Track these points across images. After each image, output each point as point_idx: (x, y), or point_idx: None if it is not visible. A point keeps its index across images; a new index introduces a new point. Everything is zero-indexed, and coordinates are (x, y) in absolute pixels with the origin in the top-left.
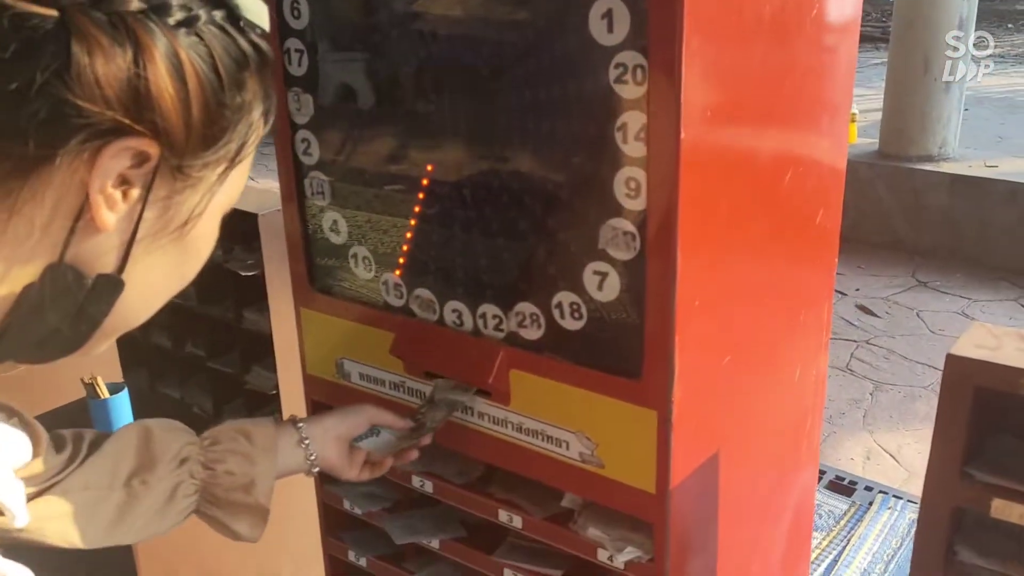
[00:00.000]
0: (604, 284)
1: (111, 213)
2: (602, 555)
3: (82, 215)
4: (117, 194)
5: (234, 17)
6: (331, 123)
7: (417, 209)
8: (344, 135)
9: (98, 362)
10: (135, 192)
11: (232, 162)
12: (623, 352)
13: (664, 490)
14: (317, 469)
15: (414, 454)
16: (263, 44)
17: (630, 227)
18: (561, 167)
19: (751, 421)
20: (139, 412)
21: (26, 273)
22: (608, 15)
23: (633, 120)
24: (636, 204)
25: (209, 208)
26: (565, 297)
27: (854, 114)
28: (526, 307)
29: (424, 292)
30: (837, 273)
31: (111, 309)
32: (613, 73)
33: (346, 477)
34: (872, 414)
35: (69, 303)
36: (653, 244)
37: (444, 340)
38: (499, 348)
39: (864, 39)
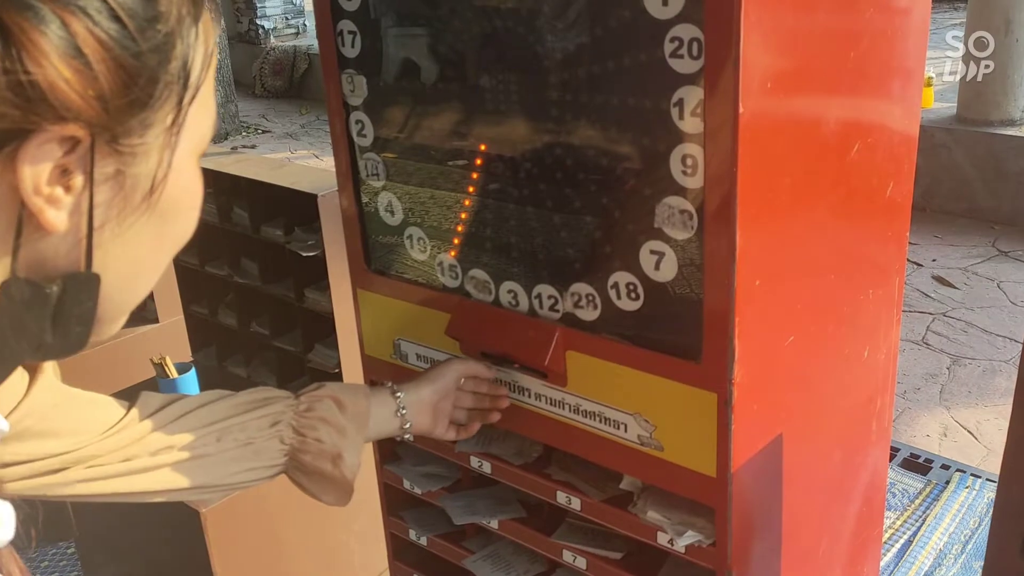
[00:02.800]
0: (661, 264)
1: (58, 211)
2: (662, 538)
3: (25, 222)
4: (58, 190)
5: None
6: (385, 104)
7: (471, 189)
8: (398, 115)
9: (168, 342)
10: (78, 180)
11: (180, 105)
12: (682, 333)
13: (725, 474)
14: (410, 437)
15: (502, 405)
16: None
17: (687, 205)
18: (617, 144)
19: (817, 402)
20: (207, 390)
21: None
22: None
23: (689, 95)
24: (693, 182)
25: (177, 160)
26: (621, 277)
27: (930, 78)
28: (582, 287)
29: (479, 273)
30: (912, 243)
31: (96, 303)
32: (668, 47)
33: (438, 436)
34: (949, 389)
35: (39, 315)
36: (711, 223)
37: (500, 321)
38: (555, 329)
39: None
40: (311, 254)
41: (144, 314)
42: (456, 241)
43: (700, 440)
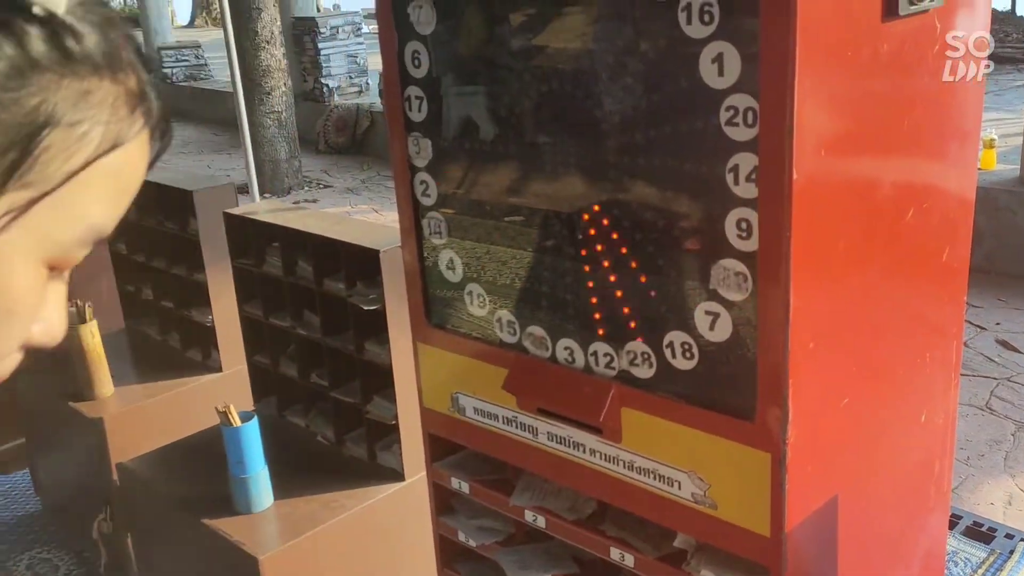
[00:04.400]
0: (716, 324)
1: None
2: None
3: None
4: None
5: (19, 7)
6: (448, 164)
7: (530, 247)
8: (460, 175)
9: (230, 390)
10: None
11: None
12: (736, 392)
13: (779, 534)
14: None
15: None
16: (67, 45)
17: (742, 268)
18: (673, 206)
19: (872, 464)
20: (268, 439)
21: None
22: (719, 59)
23: (744, 162)
24: (748, 245)
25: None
26: (677, 337)
27: (993, 139)
28: (637, 346)
29: (536, 329)
30: (975, 306)
31: None
32: (724, 116)
33: None
34: (1014, 456)
35: None
36: (765, 285)
37: (557, 377)
38: (610, 386)
39: (1004, 60)
40: (372, 308)
41: (208, 363)
42: (514, 298)
43: (754, 499)
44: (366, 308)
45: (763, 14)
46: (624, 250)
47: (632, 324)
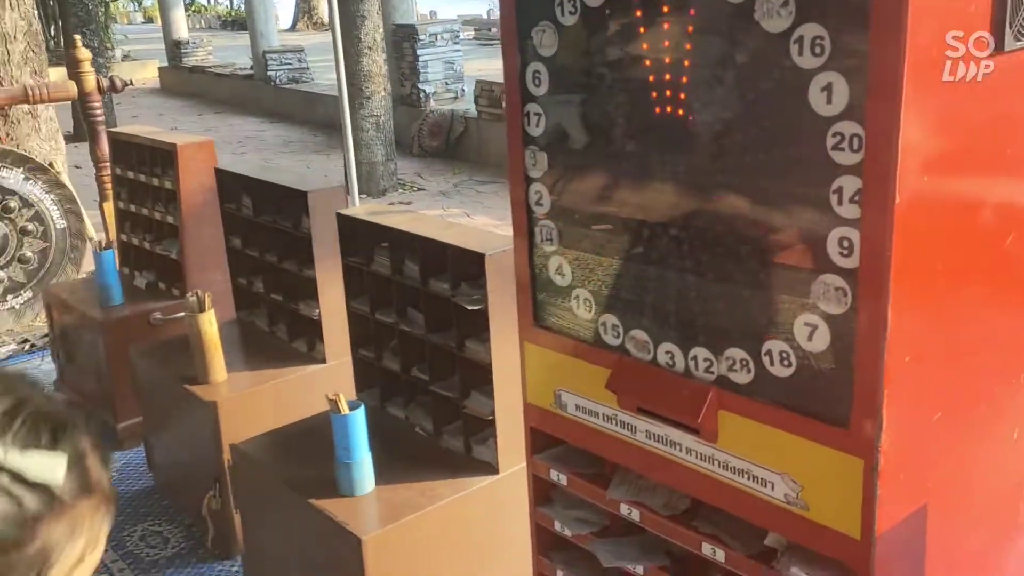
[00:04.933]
0: (814, 335)
1: None
2: None
3: None
4: None
5: (18, 479)
6: (561, 176)
7: (637, 256)
8: (572, 187)
9: (334, 382)
10: None
11: None
12: (832, 400)
13: (869, 537)
14: None
15: None
16: (56, 493)
17: (842, 283)
18: (776, 223)
19: (963, 478)
20: (369, 429)
21: None
22: (828, 88)
23: (848, 184)
24: (849, 262)
25: None
26: (775, 345)
27: None
28: (736, 352)
29: (639, 333)
30: None
31: None
32: (830, 141)
33: None
34: None
35: None
36: (864, 301)
37: (657, 379)
38: (709, 390)
39: None
40: (475, 308)
41: (313, 355)
42: (619, 303)
43: (846, 503)
44: (470, 308)
45: (873, 47)
46: (728, 263)
47: (732, 332)
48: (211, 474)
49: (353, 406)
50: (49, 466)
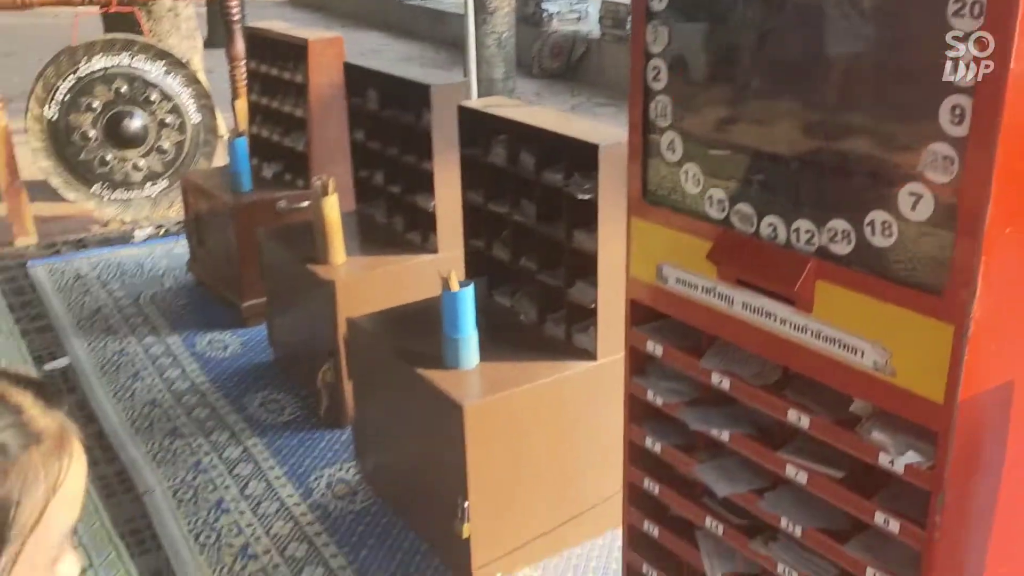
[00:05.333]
0: (918, 205)
1: None
2: (883, 459)
3: None
4: None
5: None
6: (680, 51)
7: (749, 131)
8: (690, 62)
9: (451, 266)
10: None
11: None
12: (929, 269)
13: (952, 401)
14: None
15: None
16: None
17: (951, 152)
18: (889, 91)
19: None
20: (479, 314)
21: None
22: None
23: (965, 53)
24: (959, 131)
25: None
26: (878, 216)
27: None
28: (839, 223)
29: (744, 206)
30: None
31: None
32: (952, 7)
33: None
34: None
35: None
36: (971, 169)
37: (758, 250)
38: (808, 260)
39: None
40: (586, 197)
41: (426, 245)
42: (727, 177)
43: (933, 369)
44: (580, 197)
45: None
46: (836, 134)
47: (837, 203)
48: (327, 349)
49: (463, 284)
50: None
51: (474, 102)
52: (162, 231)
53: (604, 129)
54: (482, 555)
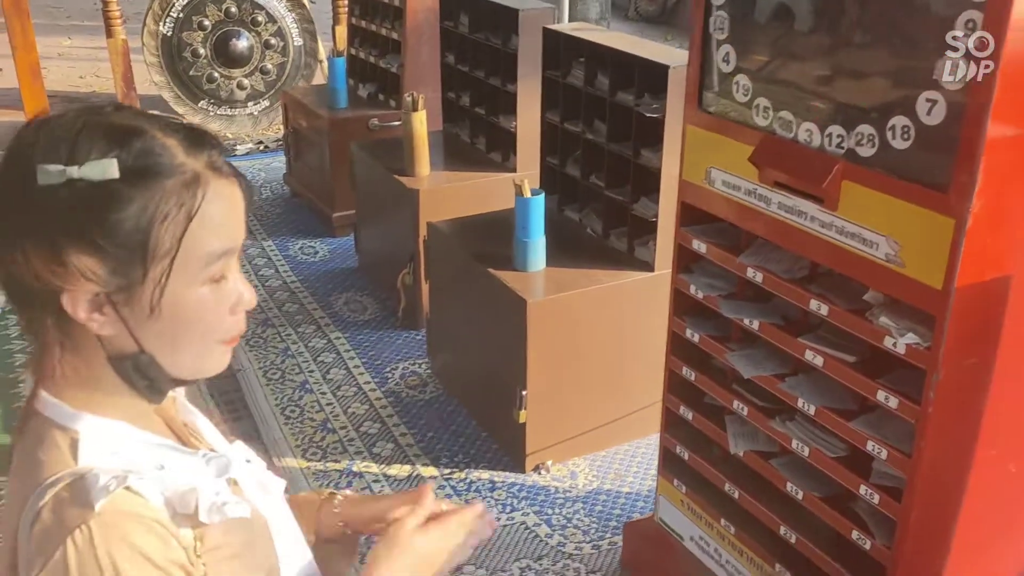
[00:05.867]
0: (933, 110)
1: (101, 324)
2: (888, 341)
3: (96, 333)
4: (95, 315)
5: (83, 179)
6: None
7: (796, 49)
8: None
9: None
10: (108, 309)
11: (170, 268)
12: (937, 168)
13: (950, 288)
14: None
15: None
16: (129, 173)
17: (963, 60)
18: (911, 10)
19: None
20: (549, 226)
21: (100, 358)
22: None
23: None
24: (971, 41)
25: (171, 294)
26: (899, 120)
27: None
28: (865, 128)
29: (786, 114)
30: None
31: (161, 370)
32: None
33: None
34: None
35: (130, 368)
36: (980, 77)
37: (794, 153)
38: (837, 161)
39: None
40: (654, 116)
41: (506, 164)
42: (773, 88)
43: (935, 258)
44: (648, 115)
45: None
46: (868, 48)
47: (866, 110)
48: (407, 254)
49: (535, 192)
50: (101, 168)
51: (558, 26)
52: (261, 147)
53: (675, 53)
54: (535, 442)
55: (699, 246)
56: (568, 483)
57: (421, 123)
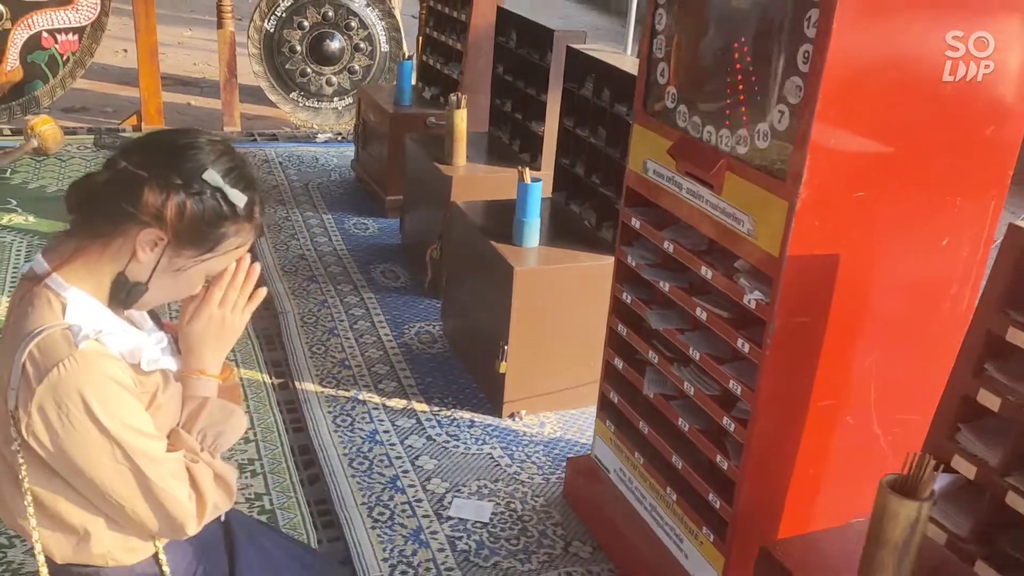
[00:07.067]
0: (781, 119)
1: (146, 257)
2: (745, 299)
3: (134, 255)
4: (148, 250)
5: (222, 194)
6: (671, 7)
7: (704, 66)
8: (677, 17)
9: (546, 184)
10: (156, 251)
11: (203, 258)
12: (780, 163)
13: (783, 255)
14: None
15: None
16: (240, 210)
17: (800, 82)
18: (777, 52)
19: (880, 248)
20: (554, 218)
21: (115, 270)
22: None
23: (813, 14)
24: (805, 68)
25: (192, 270)
26: (762, 127)
27: None
28: (742, 131)
29: (696, 119)
30: None
31: (142, 296)
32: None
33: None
34: None
35: (124, 288)
36: (808, 94)
37: (698, 149)
38: (723, 157)
39: None
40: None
41: (533, 164)
42: (691, 98)
43: (775, 232)
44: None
45: None
46: (753, 65)
47: (746, 116)
48: (437, 233)
49: (534, 180)
50: (238, 196)
51: (578, 46)
52: (339, 137)
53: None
54: (513, 391)
55: (635, 223)
56: (536, 430)
57: (462, 120)
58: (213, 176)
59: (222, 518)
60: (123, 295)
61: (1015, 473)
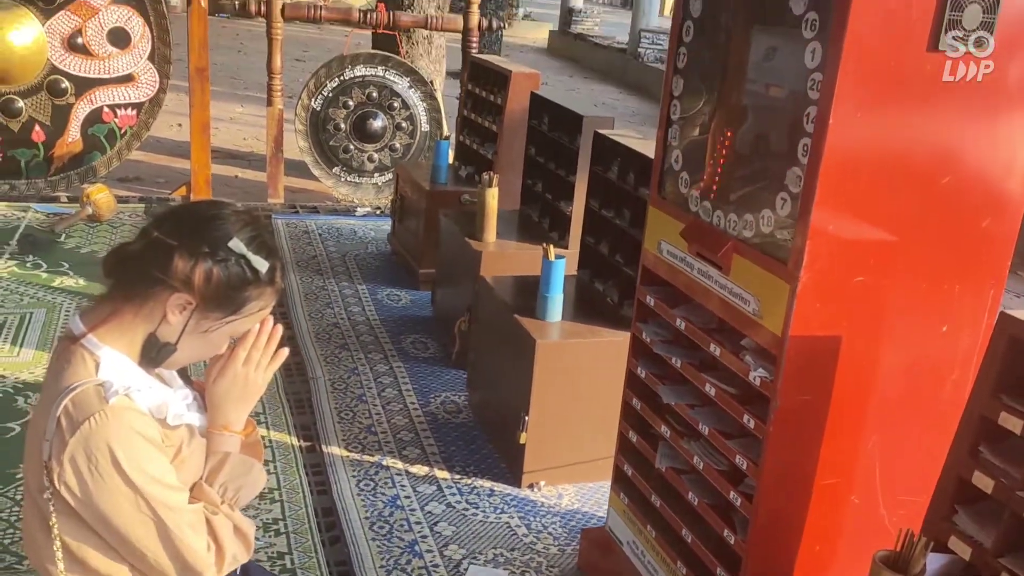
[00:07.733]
0: (784, 206)
1: (175, 318)
2: (751, 376)
3: (164, 317)
4: (177, 313)
5: (246, 260)
6: (686, 97)
7: (714, 156)
8: (688, 107)
9: (572, 261)
10: (185, 314)
11: (228, 320)
12: (784, 248)
13: (785, 334)
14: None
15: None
16: (262, 275)
17: (800, 172)
18: (777, 138)
19: (881, 331)
20: (578, 294)
21: (146, 331)
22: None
23: (812, 111)
24: (805, 159)
25: (218, 331)
26: (767, 213)
27: None
28: (748, 217)
29: (706, 204)
30: None
31: (171, 356)
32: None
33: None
34: None
35: (155, 348)
36: (808, 184)
37: (708, 232)
38: (731, 239)
39: None
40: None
41: (561, 243)
42: (700, 183)
43: (778, 311)
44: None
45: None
46: (754, 160)
47: (751, 203)
48: (467, 305)
49: (558, 256)
50: (261, 263)
51: (606, 131)
52: (377, 211)
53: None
54: (532, 462)
55: (650, 300)
56: (554, 501)
57: (493, 197)
58: (238, 244)
59: (237, 571)
60: (153, 354)
61: (1008, 555)
